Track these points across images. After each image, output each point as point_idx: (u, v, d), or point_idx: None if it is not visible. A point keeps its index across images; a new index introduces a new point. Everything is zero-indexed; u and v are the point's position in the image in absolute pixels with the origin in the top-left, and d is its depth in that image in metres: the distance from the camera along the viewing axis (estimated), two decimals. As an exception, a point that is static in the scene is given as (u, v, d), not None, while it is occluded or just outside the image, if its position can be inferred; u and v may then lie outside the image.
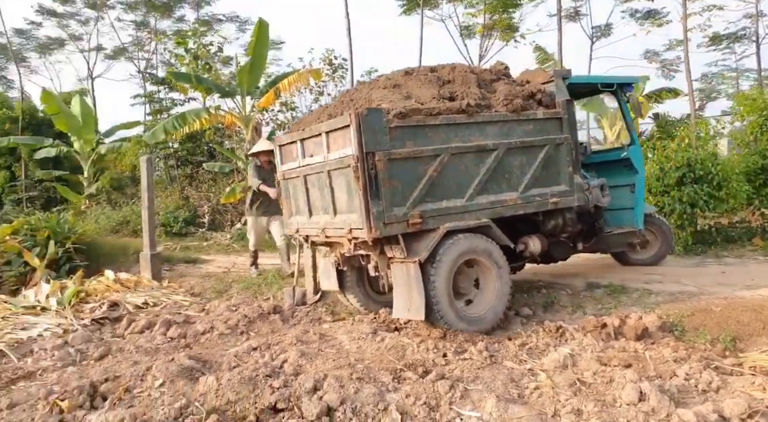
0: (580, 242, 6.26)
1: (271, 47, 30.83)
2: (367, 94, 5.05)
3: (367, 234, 4.44)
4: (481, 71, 5.64)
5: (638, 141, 6.96)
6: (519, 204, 5.16)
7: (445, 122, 4.74)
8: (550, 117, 5.35)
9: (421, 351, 4.44)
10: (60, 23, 28.98)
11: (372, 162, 4.38)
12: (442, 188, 4.77)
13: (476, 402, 3.46)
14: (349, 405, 3.44)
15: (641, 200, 6.77)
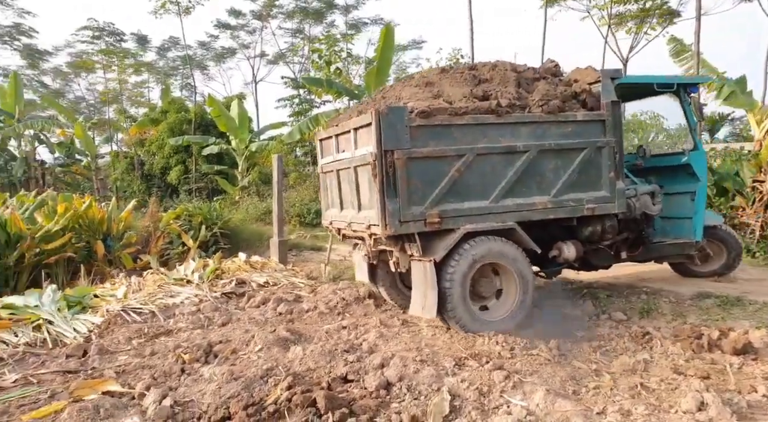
0: (625, 250, 5.81)
1: (412, 47, 32.05)
2: (399, 91, 5.07)
3: (382, 231, 4.48)
4: (523, 70, 5.43)
5: (702, 147, 6.25)
6: (550, 208, 4.91)
7: (472, 122, 4.62)
8: (591, 119, 5.04)
9: (491, 343, 4.59)
10: (232, 34, 32.95)
11: (390, 160, 4.37)
12: (464, 189, 4.65)
13: (527, 393, 3.57)
14: (405, 382, 3.77)
15: (702, 210, 6.12)
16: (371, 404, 3.53)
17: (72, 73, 35.24)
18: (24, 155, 23.56)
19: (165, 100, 22.38)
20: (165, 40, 34.16)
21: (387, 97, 5.15)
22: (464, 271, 4.59)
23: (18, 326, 5.30)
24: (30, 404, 3.70)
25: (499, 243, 4.72)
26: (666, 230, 6.27)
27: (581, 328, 5.12)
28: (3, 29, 26.41)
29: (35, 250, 8.06)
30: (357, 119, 4.79)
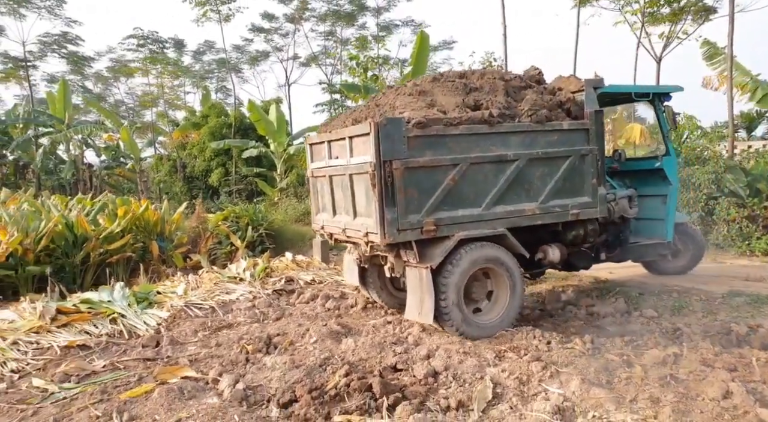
0: (604, 252, 6.09)
1: (442, 48, 32.31)
2: (392, 100, 5.14)
3: (380, 240, 4.55)
4: (511, 78, 5.55)
5: (674, 152, 6.57)
6: (537, 214, 5.09)
7: (465, 132, 4.71)
8: (576, 128, 5.22)
9: (529, 337, 4.94)
10: (266, 38, 33.75)
11: (389, 170, 4.44)
12: (458, 197, 4.77)
13: (563, 382, 3.91)
14: (451, 371, 4.16)
15: (673, 212, 6.45)
16: (421, 390, 3.94)
17: (112, 77, 36.73)
18: (73, 159, 24.83)
19: (205, 105, 23.25)
20: (200, 44, 35.30)
21: (380, 105, 5.22)
22: (459, 276, 4.74)
23: (96, 319, 5.89)
24: (122, 385, 4.24)
25: (491, 249, 4.89)
26: (639, 231, 6.56)
27: (613, 324, 5.41)
28: (52, 38, 27.76)
29: (99, 250, 8.74)
30: (354, 127, 4.84)
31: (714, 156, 10.65)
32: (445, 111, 4.83)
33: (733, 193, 9.52)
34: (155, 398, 3.85)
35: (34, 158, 22.93)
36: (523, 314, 5.94)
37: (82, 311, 5.97)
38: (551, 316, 5.86)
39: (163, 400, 3.80)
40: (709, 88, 15.27)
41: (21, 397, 4.02)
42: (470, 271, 4.82)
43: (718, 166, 9.94)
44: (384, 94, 5.55)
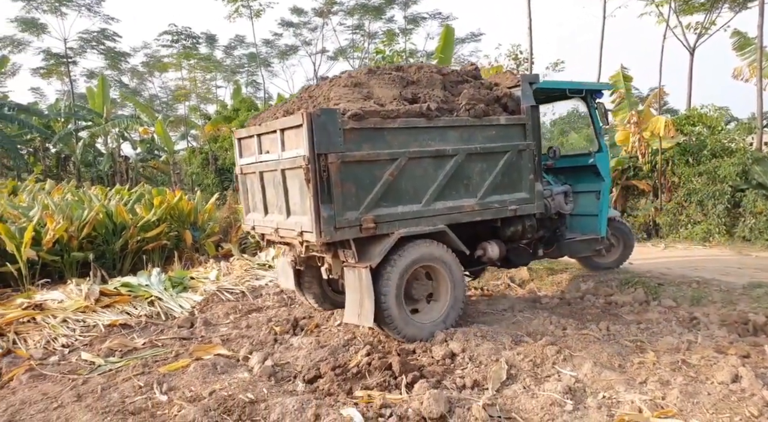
0: (541, 248, 6.06)
1: (470, 40, 32.20)
2: (327, 91, 4.88)
3: (316, 239, 4.26)
4: (448, 72, 5.43)
5: (606, 149, 6.54)
6: (477, 211, 4.98)
7: (403, 126, 4.54)
8: (513, 123, 5.15)
9: (545, 323, 5.09)
10: (295, 32, 34.21)
11: (324, 164, 4.17)
12: (397, 193, 4.58)
13: (576, 365, 4.06)
14: (468, 354, 4.35)
15: (606, 208, 6.47)
16: (438, 370, 4.15)
17: (147, 72, 37.77)
18: (110, 151, 25.74)
19: (236, 99, 23.79)
20: (231, 39, 36.00)
21: (314, 96, 4.98)
22: (399, 276, 4.55)
23: (136, 301, 6.28)
24: (161, 360, 4.58)
25: (431, 246, 4.74)
26: (574, 226, 6.57)
27: (631, 313, 5.50)
28: (91, 35, 28.73)
29: (136, 238, 9.19)
30: (285, 119, 4.54)
31: (740, 148, 10.46)
32: (382, 104, 4.63)
33: (761, 185, 9.37)
34: (191, 372, 4.17)
35: (75, 151, 23.87)
36: (541, 302, 6.11)
37: (122, 294, 6.38)
38: (569, 304, 5.98)
39: (199, 374, 4.11)
40: (739, 80, 14.91)
41: (72, 368, 4.40)
42: (410, 270, 4.64)
43: (745, 158, 9.79)
44: (318, 86, 5.27)
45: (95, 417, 3.36)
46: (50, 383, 4.08)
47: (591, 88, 6.45)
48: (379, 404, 3.48)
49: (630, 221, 11.65)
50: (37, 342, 4.96)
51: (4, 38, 26.87)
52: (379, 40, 26.93)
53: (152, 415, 3.45)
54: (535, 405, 3.48)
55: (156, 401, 3.68)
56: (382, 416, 3.39)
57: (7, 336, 5.03)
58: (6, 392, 3.98)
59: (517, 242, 5.66)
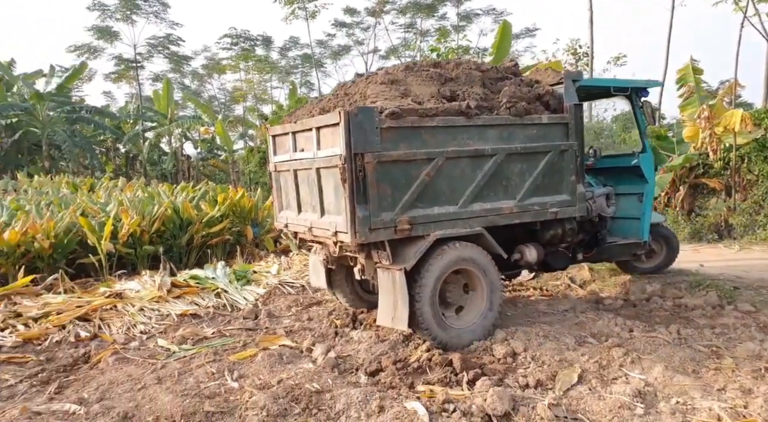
0: (581, 252, 5.83)
1: (524, 35, 31.57)
2: (363, 89, 4.76)
3: (351, 239, 4.17)
4: (487, 69, 5.26)
5: (650, 149, 6.12)
6: (515, 213, 4.80)
7: (442, 124, 4.39)
8: (555, 122, 4.94)
9: (610, 325, 4.96)
10: (347, 32, 34.68)
11: (360, 164, 4.06)
12: (434, 194, 4.44)
13: (645, 369, 3.95)
14: (530, 353, 4.31)
15: (649, 211, 6.09)
16: (500, 368, 4.14)
17: (206, 74, 39.29)
18: (173, 151, 26.99)
19: (292, 99, 24.37)
20: (286, 40, 36.88)
21: (350, 94, 4.86)
22: (434, 279, 4.39)
23: (203, 293, 6.59)
24: (230, 349, 4.79)
25: (468, 249, 4.56)
26: (615, 230, 6.25)
27: (703, 317, 5.27)
28: (157, 40, 30.23)
29: (201, 233, 9.60)
30: (321, 117, 4.45)
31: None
32: (419, 102, 4.52)
33: None
34: (259, 361, 4.35)
35: (142, 151, 25.20)
36: (604, 304, 5.94)
37: (191, 286, 6.70)
38: (634, 306, 5.79)
39: (266, 363, 4.28)
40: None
41: (150, 353, 4.68)
42: (446, 273, 4.49)
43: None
44: (354, 83, 5.13)
45: (176, 398, 3.57)
46: (133, 366, 4.37)
47: (636, 86, 6.16)
48: (441, 399, 3.52)
49: (699, 221, 11.12)
50: (118, 328, 5.31)
51: (82, 46, 28.68)
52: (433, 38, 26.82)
53: (226, 400, 3.63)
54: (603, 407, 3.41)
55: (228, 387, 3.87)
56: (446, 411, 3.42)
57: (93, 321, 5.42)
58: (96, 372, 4.30)
59: (556, 245, 5.48)
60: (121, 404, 3.59)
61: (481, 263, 4.65)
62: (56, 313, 5.56)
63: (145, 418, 3.34)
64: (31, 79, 24.04)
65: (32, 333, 5.07)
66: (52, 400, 3.75)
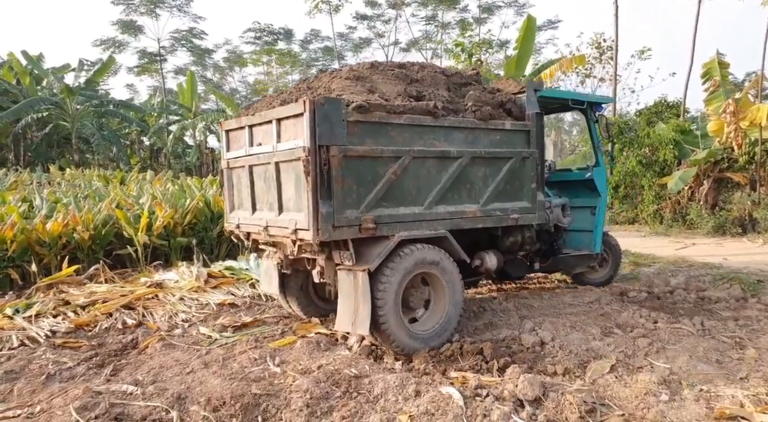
0: (537, 261, 5.86)
1: (546, 27, 31.30)
2: (327, 83, 4.64)
3: (313, 237, 3.94)
4: (451, 74, 5.30)
5: (603, 163, 6.22)
6: (479, 217, 4.78)
7: (409, 123, 4.32)
8: (518, 129, 5.00)
9: (635, 316, 5.10)
10: (369, 25, 34.74)
11: (326, 157, 3.89)
12: (400, 193, 4.33)
13: (670, 358, 4.10)
14: (557, 342, 4.49)
15: (601, 224, 6.21)
16: (529, 356, 4.32)
17: (228, 67, 39.72)
18: (198, 144, 27.46)
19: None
20: (307, 33, 37.08)
21: (314, 88, 4.70)
22: (398, 282, 4.24)
23: (238, 283, 6.86)
24: (269, 337, 5.04)
25: (433, 252, 4.45)
26: (568, 242, 6.35)
27: (726, 309, 5.37)
28: (180, 34, 30.67)
29: (231, 225, 9.90)
30: (283, 108, 4.23)
31: None
32: (386, 99, 4.45)
33: None
34: (298, 347, 4.58)
35: (166, 144, 25.68)
36: (628, 296, 6.08)
37: (226, 277, 6.98)
38: (658, 298, 5.92)
39: (305, 349, 4.51)
40: None
41: (194, 340, 4.95)
42: (409, 276, 4.35)
43: None
44: (317, 78, 4.97)
45: (224, 382, 3.82)
46: (179, 351, 4.63)
47: (592, 101, 6.34)
48: (474, 384, 3.70)
49: (723, 215, 11.10)
50: (161, 316, 5.60)
51: (108, 40, 29.25)
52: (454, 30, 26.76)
53: (270, 383, 3.86)
54: (629, 394, 3.57)
55: (271, 371, 4.11)
56: (479, 395, 3.60)
57: (137, 309, 5.72)
58: (145, 357, 4.57)
59: (515, 253, 5.51)
60: (173, 386, 3.85)
61: (445, 267, 4.54)
62: (102, 301, 5.87)
63: (198, 399, 3.58)
64: (59, 73, 24.65)
65: (83, 320, 5.38)
66: (109, 381, 4.03)
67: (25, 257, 7.06)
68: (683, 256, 8.38)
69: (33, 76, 23.65)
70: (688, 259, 8.06)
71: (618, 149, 13.62)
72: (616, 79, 14.38)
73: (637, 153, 12.81)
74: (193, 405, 3.48)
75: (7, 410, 3.50)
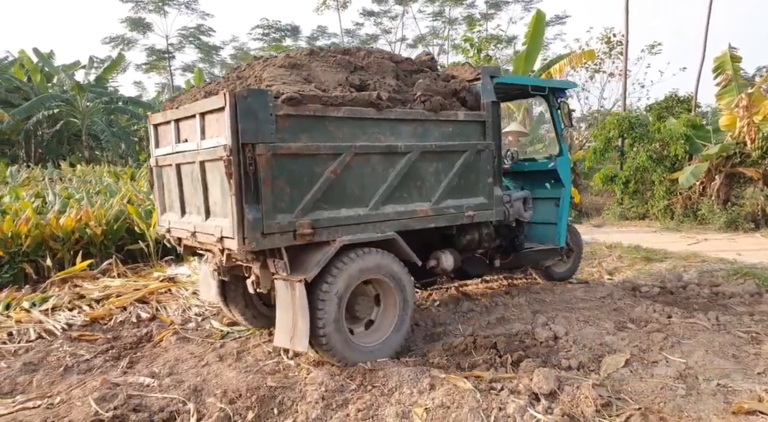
0: (498, 258, 5.60)
1: (554, 23, 31.11)
2: (259, 72, 4.19)
3: (238, 246, 3.49)
4: (401, 60, 4.89)
5: (567, 152, 6.12)
6: (431, 216, 4.42)
7: (349, 115, 3.91)
8: (472, 120, 4.66)
9: (648, 311, 5.08)
10: (375, 21, 34.69)
11: (251, 156, 3.43)
12: (341, 194, 3.92)
13: (685, 353, 4.08)
14: (571, 336, 4.48)
15: (565, 216, 5.98)
16: (542, 351, 4.31)
17: (235, 64, 39.79)
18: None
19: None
20: (314, 29, 37.09)
21: (244, 77, 4.27)
22: (340, 291, 3.86)
23: (249, 277, 6.89)
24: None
25: (380, 256, 4.10)
26: (531, 235, 6.15)
27: (741, 304, 5.34)
28: (188, 31, 30.77)
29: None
30: (205, 101, 3.79)
31: None
32: (324, 89, 4.04)
33: None
34: (311, 341, 4.60)
35: (175, 140, 25.79)
36: (640, 291, 6.04)
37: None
38: (671, 293, 5.89)
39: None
40: None
41: (207, 334, 4.99)
42: (354, 284, 3.97)
43: None
44: (250, 66, 4.51)
45: (239, 374, 3.84)
46: (193, 345, 4.67)
47: (554, 87, 6.01)
48: (488, 378, 3.71)
49: (735, 211, 11.01)
50: (174, 310, 5.64)
51: (116, 37, 29.41)
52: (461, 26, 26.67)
53: (285, 376, 3.89)
54: (645, 388, 3.56)
55: (285, 364, 4.13)
56: (494, 389, 3.60)
57: (151, 303, 5.78)
58: (160, 350, 4.62)
59: (472, 251, 5.25)
60: (189, 378, 3.89)
61: (394, 272, 4.19)
62: (116, 295, 5.93)
63: (214, 391, 3.61)
64: (70, 70, 24.79)
65: (98, 314, 5.44)
66: (125, 374, 4.07)
67: (39, 252, 7.13)
68: (695, 251, 8.32)
69: (44, 73, 23.82)
70: (701, 254, 8.00)
71: (628, 144, 13.54)
72: (626, 75, 14.27)
73: (647, 148, 12.73)
74: (210, 397, 3.51)
75: (28, 400, 3.55)
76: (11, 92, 22.76)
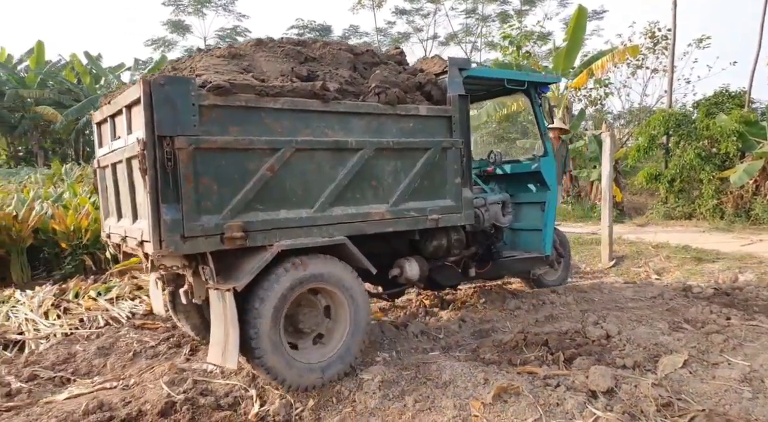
0: (473, 267, 5.16)
1: (591, 18, 30.44)
2: (195, 63, 3.94)
3: (154, 250, 3.14)
4: (362, 52, 4.56)
5: (552, 152, 5.59)
6: (388, 220, 4.02)
7: (289, 107, 3.56)
8: (436, 115, 4.28)
9: (704, 312, 4.97)
10: (407, 19, 34.71)
11: (169, 150, 3.10)
12: (280, 193, 3.54)
13: (749, 355, 3.97)
14: (624, 335, 4.42)
15: (552, 221, 5.49)
16: (595, 349, 4.27)
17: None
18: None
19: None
20: (345, 29, 37.35)
21: (179, 69, 4.00)
22: (277, 302, 3.45)
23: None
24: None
25: (327, 263, 3.72)
26: (516, 243, 5.77)
27: (804, 307, 5.16)
28: (225, 32, 31.46)
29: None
30: (126, 93, 3.50)
31: None
32: (264, 79, 3.74)
33: None
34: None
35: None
36: (692, 291, 5.90)
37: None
38: (727, 295, 5.73)
39: (370, 336, 4.61)
40: None
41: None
42: (294, 293, 3.56)
43: None
44: (191, 58, 4.25)
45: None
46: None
47: (535, 81, 5.51)
48: (542, 374, 3.71)
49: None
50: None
51: (158, 40, 30.34)
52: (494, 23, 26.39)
53: (341, 367, 3.97)
54: (708, 390, 3.49)
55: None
56: (549, 385, 3.60)
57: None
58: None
59: (442, 259, 4.83)
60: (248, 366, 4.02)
61: (344, 281, 3.80)
62: (171, 287, 6.16)
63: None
64: (116, 72, 25.69)
65: (156, 304, 5.67)
66: (188, 360, 4.25)
67: (98, 244, 7.45)
68: (750, 252, 8.05)
69: (92, 75, 24.76)
70: (756, 255, 7.74)
71: (674, 142, 13.18)
72: (672, 70, 13.85)
73: (695, 146, 12.36)
74: (269, 385, 3.62)
75: (105, 381, 3.77)
76: (63, 94, 23.76)
